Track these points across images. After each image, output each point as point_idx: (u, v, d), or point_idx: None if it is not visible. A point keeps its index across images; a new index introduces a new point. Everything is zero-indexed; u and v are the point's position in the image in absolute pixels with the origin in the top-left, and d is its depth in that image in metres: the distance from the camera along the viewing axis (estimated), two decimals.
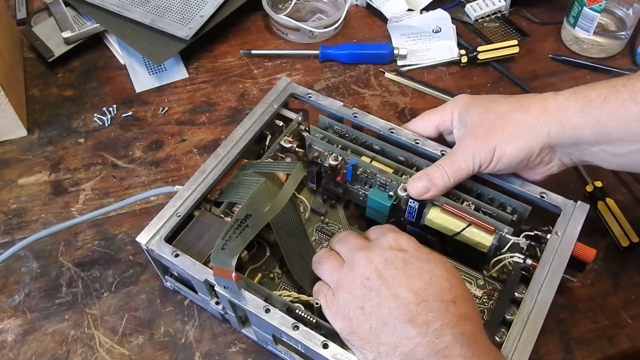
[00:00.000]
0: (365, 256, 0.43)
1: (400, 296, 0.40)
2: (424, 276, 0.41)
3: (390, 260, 0.42)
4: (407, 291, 0.40)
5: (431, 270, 0.42)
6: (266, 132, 0.57)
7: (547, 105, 0.47)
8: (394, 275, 0.41)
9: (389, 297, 0.40)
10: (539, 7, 0.83)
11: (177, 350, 0.50)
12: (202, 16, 0.75)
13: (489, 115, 0.49)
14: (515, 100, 0.50)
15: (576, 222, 0.48)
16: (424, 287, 0.40)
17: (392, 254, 0.43)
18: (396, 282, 0.41)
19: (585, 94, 0.46)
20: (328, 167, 0.54)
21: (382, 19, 0.81)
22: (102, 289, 0.55)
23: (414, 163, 0.53)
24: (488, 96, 0.52)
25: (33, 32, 0.78)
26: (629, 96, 0.44)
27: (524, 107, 0.48)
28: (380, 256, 0.43)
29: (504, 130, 0.48)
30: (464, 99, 0.52)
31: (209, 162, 0.53)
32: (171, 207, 0.50)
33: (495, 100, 0.50)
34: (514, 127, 0.48)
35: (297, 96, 0.59)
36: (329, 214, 0.57)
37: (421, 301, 0.40)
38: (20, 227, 0.60)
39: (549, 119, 0.47)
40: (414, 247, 0.44)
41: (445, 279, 0.41)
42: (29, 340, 0.51)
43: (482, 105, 0.50)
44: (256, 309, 0.43)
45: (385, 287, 0.41)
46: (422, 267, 0.42)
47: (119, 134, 0.69)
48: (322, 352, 0.41)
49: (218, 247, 0.44)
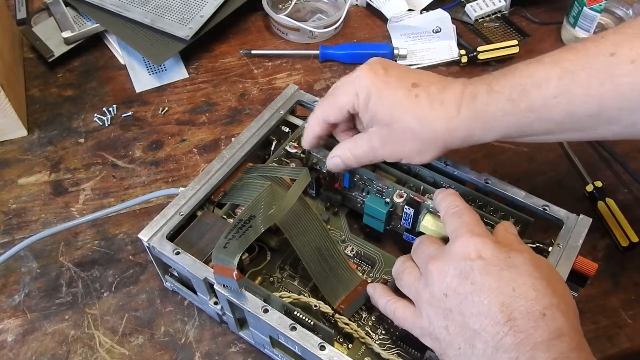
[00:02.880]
0: (437, 269, 0.39)
1: (483, 315, 0.36)
2: (505, 288, 0.37)
3: (465, 274, 0.38)
4: (489, 309, 0.36)
5: (513, 280, 0.37)
6: (272, 137, 0.57)
7: (452, 127, 0.44)
8: (472, 291, 0.37)
9: (472, 317, 0.37)
10: (539, 7, 0.83)
11: (177, 350, 0.50)
12: (202, 16, 0.75)
13: (397, 128, 0.46)
14: (423, 114, 0.45)
15: (578, 235, 0.47)
16: (507, 301, 0.36)
17: (467, 266, 0.38)
18: (476, 299, 0.37)
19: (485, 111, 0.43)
20: (326, 173, 0.54)
21: (382, 19, 0.81)
22: (102, 289, 0.55)
23: (418, 172, 0.53)
24: (395, 92, 0.46)
25: (33, 32, 0.78)
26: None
27: (430, 125, 0.45)
28: (454, 269, 0.39)
29: (412, 146, 0.46)
30: (369, 87, 0.46)
31: (214, 164, 0.53)
32: (174, 205, 0.50)
33: (403, 106, 0.45)
34: (422, 146, 0.46)
35: (304, 103, 0.59)
36: (332, 221, 0.57)
37: (507, 320, 0.36)
38: (20, 227, 0.60)
39: (454, 137, 0.45)
40: (491, 252, 0.38)
41: (530, 286, 0.37)
42: (29, 340, 0.51)
43: (388, 107, 0.46)
44: (254, 309, 0.43)
45: (465, 305, 0.37)
46: (503, 276, 0.37)
47: (119, 134, 0.69)
48: (318, 354, 0.41)
49: (220, 246, 0.44)
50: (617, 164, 0.63)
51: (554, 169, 0.63)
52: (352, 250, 0.54)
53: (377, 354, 0.46)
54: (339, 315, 0.47)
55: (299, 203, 0.49)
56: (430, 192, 0.50)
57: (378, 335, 0.48)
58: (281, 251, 0.53)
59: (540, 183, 0.53)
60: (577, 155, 0.64)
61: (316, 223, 0.50)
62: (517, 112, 0.42)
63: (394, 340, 0.47)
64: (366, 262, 0.53)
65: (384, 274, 0.52)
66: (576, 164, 0.63)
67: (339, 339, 0.48)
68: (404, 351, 0.47)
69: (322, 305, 0.47)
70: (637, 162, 0.63)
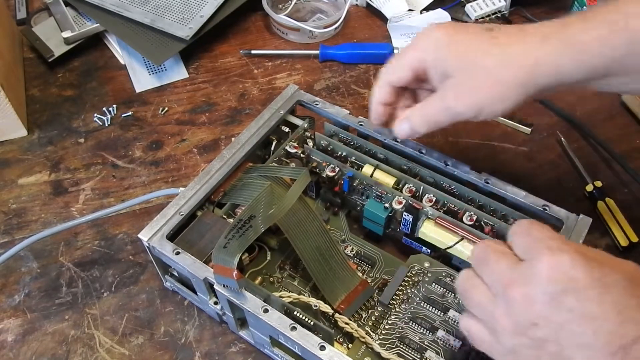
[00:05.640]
0: (522, 296, 0.33)
1: (587, 347, 0.31)
2: (610, 312, 0.31)
3: (558, 300, 0.32)
4: (595, 340, 0.31)
5: (615, 302, 0.31)
6: (272, 137, 0.57)
7: (539, 60, 0.41)
8: (571, 320, 0.32)
9: (572, 349, 0.32)
10: (539, 7, 0.83)
11: (177, 350, 0.50)
12: (202, 16, 0.75)
13: (473, 71, 0.42)
14: (502, 52, 0.42)
15: (578, 235, 0.47)
16: (614, 328, 0.31)
17: (559, 289, 0.32)
18: (576, 328, 0.32)
19: (577, 40, 0.41)
20: (326, 177, 0.54)
21: (382, 19, 0.81)
22: (102, 289, 0.55)
23: (418, 172, 0.53)
24: (469, 35, 0.43)
25: (33, 32, 0.78)
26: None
27: (512, 61, 0.41)
28: (542, 294, 0.33)
29: (492, 90, 0.42)
30: (439, 36, 0.44)
31: (214, 164, 0.53)
32: (174, 205, 0.50)
33: (480, 47, 0.42)
34: (503, 89, 0.41)
35: (304, 103, 0.59)
36: (332, 221, 0.57)
37: (617, 349, 0.31)
38: (20, 227, 0.60)
39: (540, 73, 0.41)
40: (584, 272, 0.32)
41: (635, 307, 0.31)
42: (29, 340, 0.51)
43: (462, 52, 0.43)
44: (254, 309, 0.43)
45: (564, 336, 0.32)
46: (604, 300, 0.31)
47: (119, 134, 0.69)
48: (318, 354, 0.41)
49: (220, 246, 0.44)
50: (617, 164, 0.63)
51: (554, 169, 0.63)
52: (352, 250, 0.54)
53: (377, 353, 0.46)
54: (339, 315, 0.47)
55: (299, 203, 0.49)
56: (430, 192, 0.50)
57: (378, 335, 0.48)
58: (281, 251, 0.53)
59: (540, 183, 0.53)
60: (577, 155, 0.64)
61: (316, 223, 0.50)
62: (617, 43, 0.39)
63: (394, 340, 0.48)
64: (366, 262, 0.53)
65: (384, 274, 0.52)
66: (576, 164, 0.63)
67: (339, 339, 0.48)
68: (404, 351, 0.47)
69: (322, 305, 0.47)
70: (637, 162, 0.63)
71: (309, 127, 0.58)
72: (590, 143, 0.66)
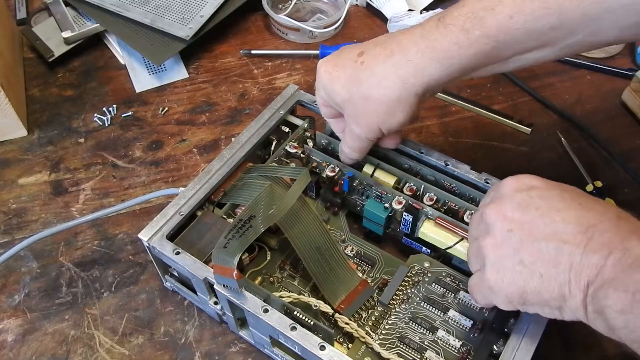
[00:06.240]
0: (494, 210, 0.38)
1: (559, 232, 0.35)
2: (572, 204, 0.36)
3: (524, 203, 0.37)
4: (564, 224, 0.35)
5: (574, 198, 0.36)
6: (272, 137, 0.57)
7: (405, 75, 0.43)
8: (540, 215, 0.36)
9: (548, 238, 0.35)
10: None
11: (177, 350, 0.50)
12: (202, 16, 0.75)
13: (356, 100, 0.45)
14: (371, 74, 0.44)
15: None
16: (580, 214, 0.35)
17: (524, 195, 0.37)
18: (546, 220, 0.35)
19: (437, 47, 0.42)
20: (326, 177, 0.54)
21: (382, 19, 0.81)
22: (102, 289, 0.55)
23: (419, 171, 0.53)
24: (343, 68, 0.46)
25: (33, 32, 0.78)
26: None
27: (381, 82, 0.44)
28: (510, 204, 0.37)
29: (377, 111, 0.45)
30: (322, 76, 0.47)
31: (214, 164, 0.53)
32: (174, 205, 0.50)
33: (352, 77, 0.45)
34: (384, 107, 0.44)
35: (304, 103, 0.59)
36: (332, 221, 0.57)
37: (587, 227, 0.34)
38: (20, 227, 0.60)
39: (412, 84, 0.43)
40: (541, 181, 0.38)
41: (594, 200, 0.36)
42: (29, 340, 0.51)
43: (342, 85, 0.46)
44: (254, 309, 0.43)
45: (537, 230, 0.36)
46: (564, 196, 0.36)
47: (119, 134, 0.69)
48: (318, 354, 0.41)
49: (220, 246, 0.44)
50: (617, 164, 0.63)
51: (554, 169, 0.63)
52: (352, 250, 0.54)
53: (377, 353, 0.46)
54: (339, 315, 0.47)
55: (299, 203, 0.49)
56: (431, 191, 0.50)
57: (378, 335, 0.48)
58: (281, 251, 0.53)
59: None
60: (577, 155, 0.64)
61: (316, 223, 0.50)
62: (473, 42, 0.40)
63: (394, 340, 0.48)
64: (366, 262, 0.53)
65: (384, 274, 0.52)
66: (576, 164, 0.63)
67: (339, 339, 0.48)
68: (404, 351, 0.47)
69: (322, 305, 0.47)
70: (637, 162, 0.63)
71: (309, 127, 0.58)
72: (590, 143, 0.66)
